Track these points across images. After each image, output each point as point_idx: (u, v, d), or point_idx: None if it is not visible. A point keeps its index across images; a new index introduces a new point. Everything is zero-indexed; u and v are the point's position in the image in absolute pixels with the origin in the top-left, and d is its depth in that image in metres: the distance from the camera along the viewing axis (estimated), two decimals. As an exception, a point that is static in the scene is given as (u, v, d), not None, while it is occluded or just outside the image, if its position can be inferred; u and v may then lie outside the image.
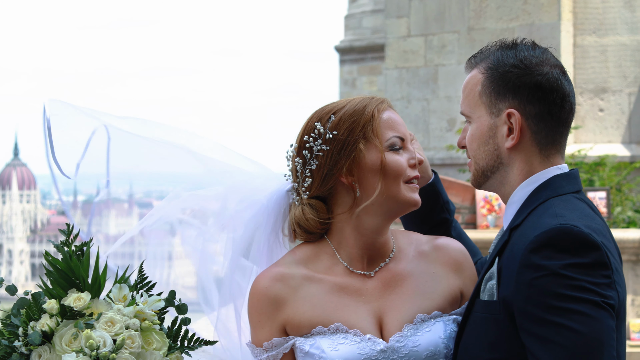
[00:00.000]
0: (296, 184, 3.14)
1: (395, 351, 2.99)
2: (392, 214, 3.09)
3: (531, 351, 2.66)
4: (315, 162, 3.07)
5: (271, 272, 3.08)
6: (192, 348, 2.80)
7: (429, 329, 3.03)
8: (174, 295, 2.82)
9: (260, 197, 3.18)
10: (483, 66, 2.97)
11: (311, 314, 3.02)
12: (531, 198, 2.89)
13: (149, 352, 2.65)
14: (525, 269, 2.68)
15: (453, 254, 3.20)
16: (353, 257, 3.09)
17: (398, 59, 13.45)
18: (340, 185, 3.07)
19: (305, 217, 3.09)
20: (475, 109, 2.97)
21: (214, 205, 3.25)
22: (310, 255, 3.11)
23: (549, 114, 2.89)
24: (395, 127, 3.09)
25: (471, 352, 2.87)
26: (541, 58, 2.92)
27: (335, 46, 27.80)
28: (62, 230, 2.79)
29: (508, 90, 2.90)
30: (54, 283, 2.73)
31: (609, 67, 11.77)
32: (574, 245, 2.66)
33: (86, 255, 2.76)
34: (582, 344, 2.58)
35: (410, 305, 3.06)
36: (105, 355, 2.56)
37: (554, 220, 2.72)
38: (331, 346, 2.97)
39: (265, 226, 3.18)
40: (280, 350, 3.03)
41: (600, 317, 2.60)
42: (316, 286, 3.05)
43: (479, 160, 2.96)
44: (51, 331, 2.66)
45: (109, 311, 2.68)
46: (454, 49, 12.94)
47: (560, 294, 2.61)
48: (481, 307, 2.85)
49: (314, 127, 3.09)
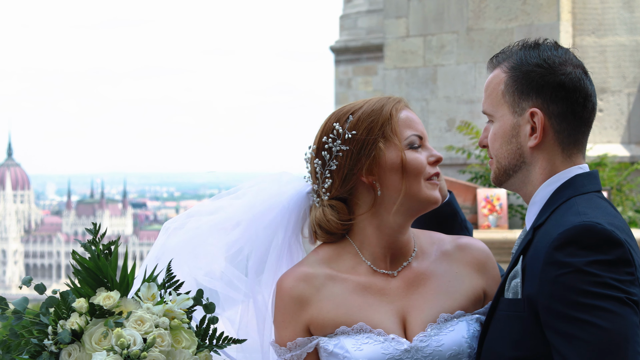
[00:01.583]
0: (316, 185, 3.14)
1: (419, 351, 3.00)
2: (414, 212, 3.10)
3: (556, 348, 2.67)
4: (335, 162, 3.07)
5: (295, 272, 3.09)
6: (221, 346, 2.81)
7: (452, 328, 3.04)
8: (201, 294, 2.83)
9: (281, 199, 3.18)
10: (506, 65, 2.99)
11: (335, 314, 3.02)
12: (554, 197, 2.91)
13: (179, 351, 2.66)
14: (549, 266, 2.70)
15: (476, 253, 3.21)
16: (376, 256, 3.10)
17: (397, 59, 13.44)
18: (360, 185, 3.07)
19: (326, 219, 3.10)
20: (498, 108, 2.98)
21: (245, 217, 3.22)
22: (333, 255, 3.12)
23: (572, 114, 2.91)
24: (414, 125, 3.11)
25: (495, 350, 2.88)
26: (564, 58, 2.94)
27: (330, 46, 27.79)
28: (89, 230, 2.80)
29: (531, 90, 2.92)
30: (82, 282, 2.74)
31: (608, 68, 11.79)
32: (597, 242, 2.68)
33: (114, 254, 2.77)
34: (607, 341, 2.60)
35: (433, 305, 3.07)
36: (136, 354, 2.57)
37: (578, 218, 2.74)
38: (355, 346, 2.97)
39: (286, 228, 3.18)
40: (304, 350, 3.04)
41: (625, 314, 2.62)
42: (340, 286, 3.06)
43: (501, 159, 2.98)
44: (81, 330, 2.67)
45: (139, 310, 2.69)
46: (453, 49, 12.94)
47: (585, 291, 2.63)
48: (505, 306, 2.87)
49: (333, 127, 3.10)
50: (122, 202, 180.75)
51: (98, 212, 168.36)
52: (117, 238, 2.75)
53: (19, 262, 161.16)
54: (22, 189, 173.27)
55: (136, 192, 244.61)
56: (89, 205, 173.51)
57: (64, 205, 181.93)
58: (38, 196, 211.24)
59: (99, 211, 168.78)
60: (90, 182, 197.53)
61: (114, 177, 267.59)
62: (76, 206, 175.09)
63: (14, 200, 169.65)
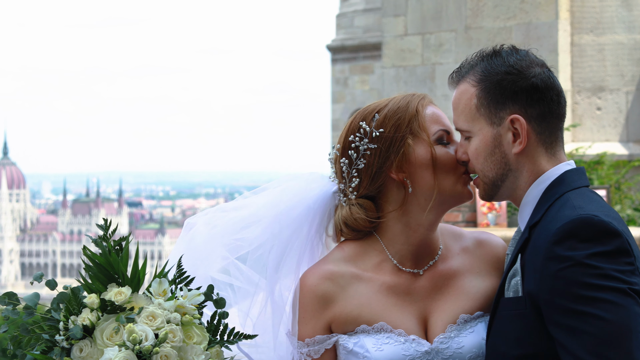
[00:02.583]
0: (342, 184, 3.13)
1: (440, 353, 2.99)
2: (445, 208, 3.09)
3: (560, 342, 2.68)
4: (363, 161, 3.07)
5: (320, 269, 3.07)
6: (232, 342, 2.81)
7: (472, 330, 3.04)
8: (212, 290, 2.83)
9: (307, 198, 3.17)
10: (472, 79, 2.97)
11: (358, 313, 3.01)
12: (546, 195, 2.91)
13: (190, 346, 2.66)
14: (550, 261, 2.71)
15: (495, 250, 3.21)
16: (403, 255, 3.09)
17: (395, 58, 13.45)
18: (390, 183, 3.06)
19: (353, 217, 3.09)
20: (474, 123, 2.96)
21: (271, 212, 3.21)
22: (358, 252, 3.10)
23: (549, 113, 2.93)
24: (441, 121, 3.11)
25: (500, 350, 2.89)
26: (528, 60, 2.95)
27: (327, 45, 27.81)
28: (100, 225, 2.80)
29: (506, 98, 2.91)
30: (93, 278, 2.74)
31: (606, 66, 11.80)
32: (596, 234, 2.69)
33: (125, 249, 2.77)
34: (611, 332, 2.61)
35: (454, 306, 3.06)
36: (148, 349, 2.56)
37: (574, 212, 2.75)
38: (375, 346, 2.97)
39: (310, 226, 3.17)
40: (322, 346, 3.03)
41: (627, 305, 2.63)
42: (365, 285, 3.04)
43: (488, 172, 2.96)
44: (92, 325, 2.67)
45: (150, 305, 2.68)
46: (451, 47, 12.95)
47: (587, 284, 2.64)
48: (506, 305, 2.87)
49: (359, 126, 3.09)
50: (118, 201, 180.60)
51: (94, 211, 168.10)
52: (128, 234, 2.76)
53: (14, 261, 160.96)
54: (18, 188, 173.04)
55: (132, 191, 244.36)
56: (85, 204, 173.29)
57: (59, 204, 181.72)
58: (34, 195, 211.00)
59: (94, 210, 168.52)
60: (86, 181, 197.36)
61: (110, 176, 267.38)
62: (72, 205, 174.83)
63: (10, 199, 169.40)
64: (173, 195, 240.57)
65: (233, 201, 3.29)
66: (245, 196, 3.29)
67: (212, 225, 3.21)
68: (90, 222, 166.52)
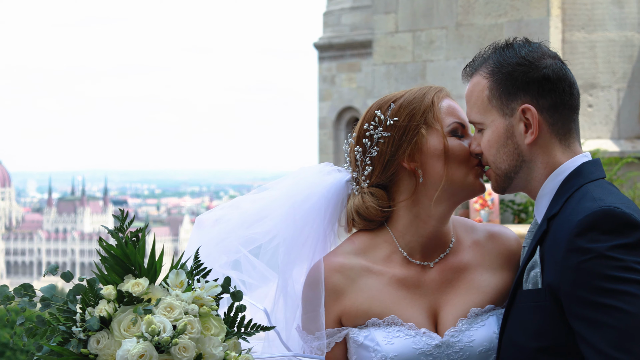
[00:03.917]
0: (355, 173, 3.13)
1: (450, 346, 2.99)
2: (457, 200, 3.09)
3: (581, 334, 2.67)
4: (376, 149, 3.07)
5: (330, 261, 3.07)
6: (249, 334, 2.80)
7: (483, 323, 3.03)
8: (229, 282, 2.81)
9: (320, 188, 3.17)
10: (484, 71, 2.99)
11: (368, 306, 3.00)
12: (564, 187, 2.91)
13: (208, 338, 2.64)
14: (571, 253, 2.70)
15: (508, 243, 3.20)
16: (413, 247, 3.08)
17: (386, 55, 13.44)
18: (402, 172, 3.06)
19: (365, 205, 3.08)
20: (487, 115, 2.98)
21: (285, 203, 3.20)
22: (368, 245, 3.10)
23: (561, 104, 2.93)
24: (456, 113, 3.11)
25: (517, 342, 2.88)
26: (540, 52, 2.96)
27: (314, 43, 27.78)
28: (116, 216, 2.78)
29: (518, 89, 2.92)
30: (109, 269, 2.73)
31: (597, 63, 11.81)
32: (618, 226, 2.68)
33: (142, 241, 2.75)
34: (633, 324, 2.61)
35: (464, 299, 3.06)
36: (167, 341, 2.55)
37: (595, 204, 2.75)
38: (386, 339, 2.96)
39: (323, 216, 3.16)
40: (332, 339, 3.02)
41: None
42: (375, 278, 3.04)
43: (500, 164, 2.96)
44: (109, 317, 2.65)
45: (168, 297, 2.67)
46: (442, 44, 12.95)
47: (609, 276, 2.64)
48: (525, 297, 2.86)
49: (374, 115, 3.10)
50: (103, 200, 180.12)
51: (79, 210, 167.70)
52: (145, 225, 2.74)
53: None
54: (3, 187, 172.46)
55: (117, 190, 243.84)
56: (70, 203, 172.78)
57: (44, 202, 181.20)
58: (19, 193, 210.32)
59: (80, 208, 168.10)
60: (71, 180, 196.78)
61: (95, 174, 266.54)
62: (57, 204, 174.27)
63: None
64: (158, 193, 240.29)
65: (248, 194, 3.29)
66: (262, 189, 3.28)
67: (226, 219, 3.21)
68: (75, 220, 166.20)
